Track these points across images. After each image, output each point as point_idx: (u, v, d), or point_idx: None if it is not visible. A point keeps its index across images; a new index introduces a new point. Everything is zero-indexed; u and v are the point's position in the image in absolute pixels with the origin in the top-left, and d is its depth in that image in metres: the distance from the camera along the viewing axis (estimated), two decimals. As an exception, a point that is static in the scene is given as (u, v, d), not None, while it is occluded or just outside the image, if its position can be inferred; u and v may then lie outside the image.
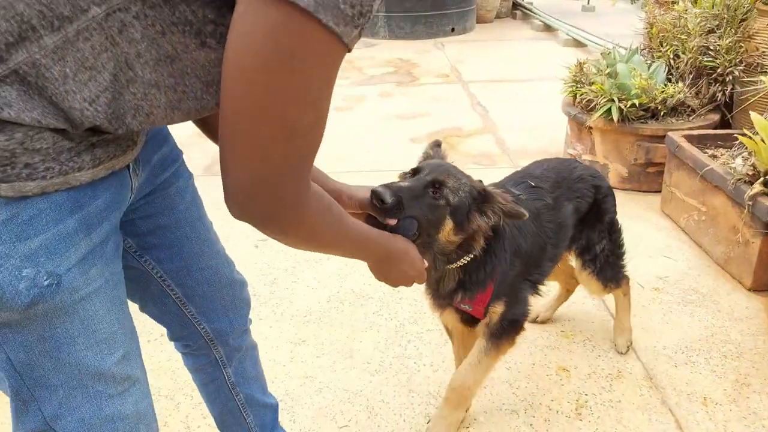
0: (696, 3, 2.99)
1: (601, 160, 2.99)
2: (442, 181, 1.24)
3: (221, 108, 0.66)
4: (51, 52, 0.64)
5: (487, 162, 3.44)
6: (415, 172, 1.27)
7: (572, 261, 1.77)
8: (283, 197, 0.71)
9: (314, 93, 0.66)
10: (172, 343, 1.22)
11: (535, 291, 1.56)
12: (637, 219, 2.69)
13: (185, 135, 2.26)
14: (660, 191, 2.77)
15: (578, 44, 6.40)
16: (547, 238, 1.55)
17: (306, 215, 0.77)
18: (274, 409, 1.38)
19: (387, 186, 1.15)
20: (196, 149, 3.70)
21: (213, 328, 1.17)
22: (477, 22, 7.72)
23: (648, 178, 2.90)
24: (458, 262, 1.34)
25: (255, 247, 2.54)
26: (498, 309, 1.45)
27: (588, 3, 9.03)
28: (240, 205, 0.72)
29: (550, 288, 1.89)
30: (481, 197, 1.28)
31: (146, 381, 0.91)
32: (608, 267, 1.75)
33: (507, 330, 1.48)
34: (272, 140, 0.66)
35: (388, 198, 1.11)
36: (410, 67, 5.84)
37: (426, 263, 1.15)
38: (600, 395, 1.72)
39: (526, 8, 8.35)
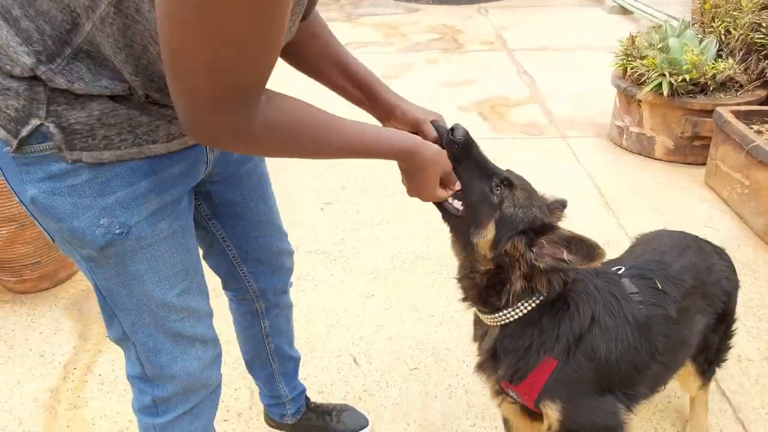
0: (751, -22, 3.03)
1: (648, 133, 3.10)
2: (513, 184, 1.09)
3: (161, 47, 0.71)
4: (95, 35, 0.79)
5: (535, 131, 3.57)
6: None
7: None
8: (221, 123, 0.76)
9: (233, 33, 0.67)
10: (225, 292, 1.42)
11: (626, 406, 1.20)
12: (682, 190, 2.82)
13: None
14: (705, 164, 2.89)
15: (624, 11, 6.35)
16: (654, 355, 1.22)
17: (257, 135, 0.80)
18: (296, 361, 1.59)
19: (468, 133, 1.04)
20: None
21: (259, 287, 1.38)
22: (521, -14, 7.66)
23: (694, 151, 3.01)
24: (486, 305, 1.13)
25: (320, 210, 2.76)
26: (552, 411, 1.16)
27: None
28: (187, 130, 0.80)
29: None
30: (540, 228, 1.07)
31: (206, 312, 1.11)
32: (715, 363, 1.48)
33: None
34: (194, 74, 0.70)
35: (460, 134, 1.01)
36: (455, 33, 5.91)
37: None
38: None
39: (571, -28, 8.22)
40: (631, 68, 3.05)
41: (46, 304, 2.13)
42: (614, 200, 2.77)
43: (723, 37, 3.04)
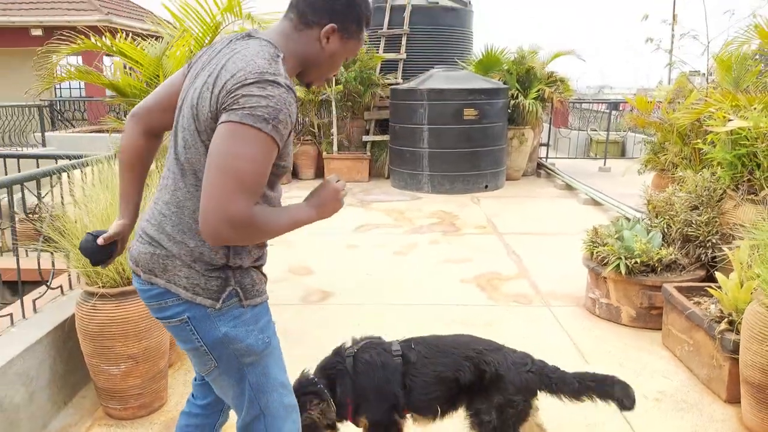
0: (681, 187, 4.00)
1: (614, 303, 3.84)
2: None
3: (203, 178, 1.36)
4: None
5: (524, 301, 4.31)
6: None
7: None
8: (229, 215, 1.33)
9: (247, 162, 1.33)
10: (190, 406, 1.90)
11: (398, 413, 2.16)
12: (643, 350, 3.49)
13: (279, 270, 3.28)
14: (661, 329, 3.59)
15: (595, 203, 7.45)
16: (403, 386, 2.15)
17: (251, 221, 1.36)
18: None
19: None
20: (288, 284, 4.68)
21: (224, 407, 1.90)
22: (506, 180, 8.93)
23: (652, 318, 3.72)
24: None
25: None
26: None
27: (604, 165, 10.29)
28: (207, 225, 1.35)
29: None
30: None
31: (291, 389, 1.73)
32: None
33: None
34: (224, 184, 1.32)
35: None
36: (452, 218, 6.91)
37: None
38: (615, 469, 2.45)
39: (549, 168, 9.61)
40: (597, 252, 3.89)
41: (144, 426, 2.68)
42: (589, 356, 3.42)
43: (666, 229, 3.93)
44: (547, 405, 2.59)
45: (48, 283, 3.03)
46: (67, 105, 15.60)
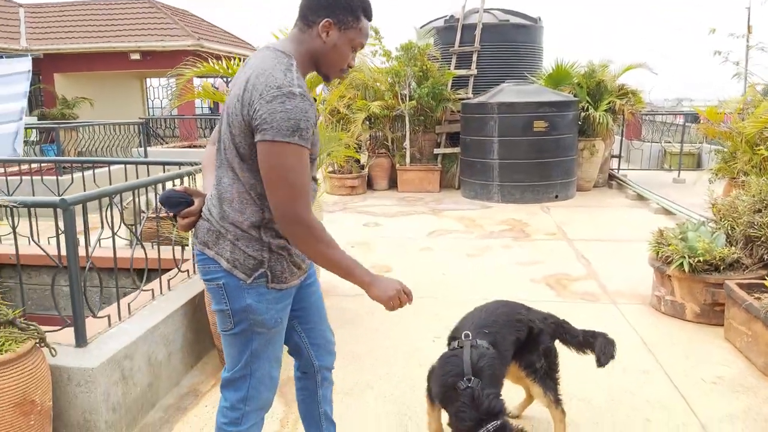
0: (745, 191, 4.19)
1: (679, 300, 4.07)
2: None
3: (265, 188, 1.71)
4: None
5: (591, 299, 4.59)
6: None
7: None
8: (294, 217, 1.69)
9: (291, 171, 1.64)
10: (295, 371, 2.19)
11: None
12: (707, 343, 3.71)
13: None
14: (723, 324, 3.79)
15: (667, 212, 7.54)
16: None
17: (309, 227, 1.70)
18: (334, 427, 2.30)
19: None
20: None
21: (318, 364, 2.15)
22: (577, 190, 9.11)
23: (716, 314, 3.93)
24: None
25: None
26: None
27: (678, 176, 10.26)
28: (279, 224, 1.73)
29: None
30: None
31: (280, 365, 1.97)
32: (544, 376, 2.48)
33: None
34: (282, 194, 1.67)
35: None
36: (522, 226, 7.21)
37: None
38: (671, 437, 2.73)
39: (621, 180, 9.70)
40: (661, 252, 4.13)
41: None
42: (652, 346, 3.68)
43: (729, 231, 4.13)
44: (607, 384, 2.92)
45: (179, 267, 3.62)
46: (159, 123, 16.96)
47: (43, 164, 6.61)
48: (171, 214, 1.92)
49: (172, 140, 15.89)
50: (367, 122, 9.62)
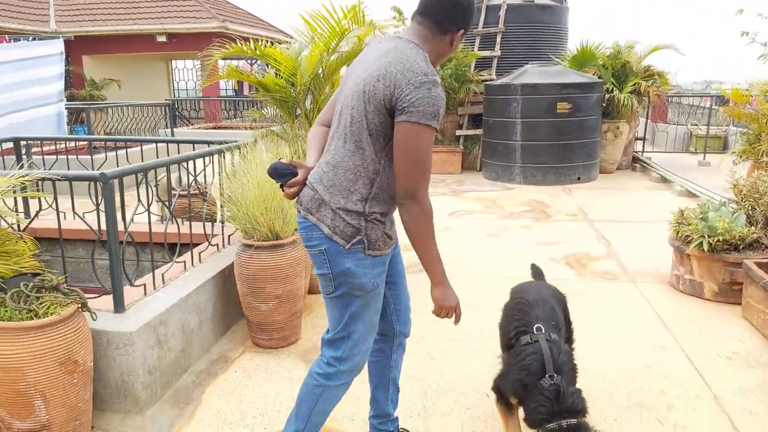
0: (767, 171, 4.19)
1: (698, 279, 4.11)
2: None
3: (396, 164, 1.87)
4: (379, 189, 1.96)
5: (610, 277, 4.65)
6: None
7: None
8: (416, 194, 1.86)
9: (425, 152, 1.83)
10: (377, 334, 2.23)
11: None
12: (723, 321, 3.76)
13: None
14: (741, 303, 3.83)
15: (691, 194, 7.50)
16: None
17: (421, 209, 1.88)
18: (398, 392, 2.44)
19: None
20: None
21: (397, 329, 2.29)
22: (600, 173, 9.08)
23: (734, 293, 3.97)
24: None
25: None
26: None
27: (704, 159, 10.16)
28: (400, 196, 1.88)
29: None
30: None
31: (376, 331, 2.14)
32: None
33: None
34: (413, 171, 1.84)
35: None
36: (543, 207, 7.24)
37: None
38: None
39: (645, 162, 9.64)
40: (681, 231, 4.17)
41: (284, 354, 3.35)
42: (669, 323, 3.74)
43: (750, 211, 4.14)
44: (623, 359, 3.00)
45: (209, 241, 3.78)
46: (185, 104, 17.20)
47: (78, 143, 6.82)
48: (279, 184, 2.10)
49: (197, 122, 16.12)
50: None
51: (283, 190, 2.09)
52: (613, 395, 2.92)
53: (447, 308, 2.01)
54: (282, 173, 2.07)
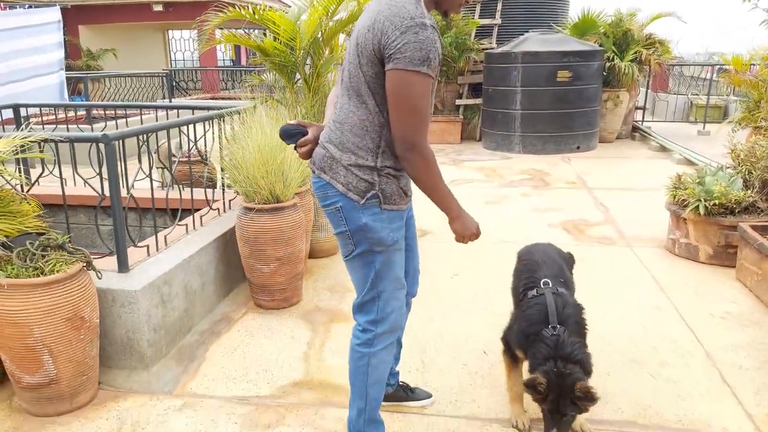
0: (764, 137, 4.21)
1: (693, 243, 4.16)
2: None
3: (390, 114, 1.82)
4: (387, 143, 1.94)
5: (607, 242, 4.70)
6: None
7: None
8: (415, 143, 1.82)
9: (419, 99, 1.75)
10: None
11: None
12: (718, 283, 3.82)
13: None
14: (736, 266, 3.89)
15: (690, 162, 7.52)
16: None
17: (423, 156, 1.84)
18: (401, 348, 2.53)
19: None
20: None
21: (407, 290, 2.21)
22: (600, 142, 9.08)
23: (729, 256, 4.02)
24: None
25: (450, 278, 3.95)
26: None
27: (704, 128, 10.15)
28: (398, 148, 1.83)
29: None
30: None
31: (405, 287, 2.09)
32: None
33: None
34: (407, 120, 1.79)
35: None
36: (543, 175, 7.27)
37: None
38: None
39: (644, 131, 9.63)
40: (678, 195, 4.20)
41: (286, 314, 3.41)
42: (665, 285, 3.80)
43: (747, 176, 4.17)
44: (619, 320, 3.06)
45: (210, 206, 3.81)
46: (182, 75, 17.08)
47: (77, 113, 6.82)
48: (292, 145, 2.10)
49: (194, 92, 16.02)
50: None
51: (296, 151, 2.10)
52: (607, 353, 2.99)
53: (469, 236, 2.03)
54: (291, 133, 2.07)
